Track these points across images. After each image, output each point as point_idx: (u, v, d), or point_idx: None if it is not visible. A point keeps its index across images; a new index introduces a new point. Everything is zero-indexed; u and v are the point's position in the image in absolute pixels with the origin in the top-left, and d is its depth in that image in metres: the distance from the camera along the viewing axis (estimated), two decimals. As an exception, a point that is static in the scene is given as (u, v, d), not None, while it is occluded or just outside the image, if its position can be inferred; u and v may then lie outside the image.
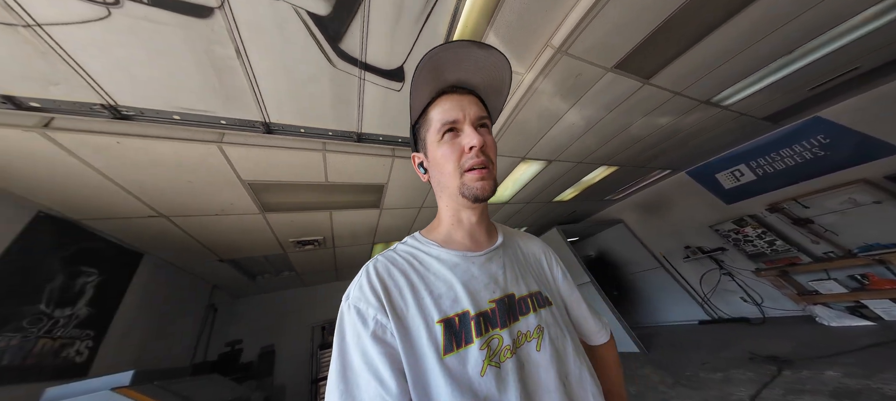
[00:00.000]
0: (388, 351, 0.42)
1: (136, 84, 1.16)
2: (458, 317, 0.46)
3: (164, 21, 0.97)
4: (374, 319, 0.44)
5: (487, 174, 0.51)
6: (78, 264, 2.07)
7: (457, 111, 0.52)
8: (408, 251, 0.55)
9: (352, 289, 0.49)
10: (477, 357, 0.43)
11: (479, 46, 0.52)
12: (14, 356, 1.76)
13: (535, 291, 0.55)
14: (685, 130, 3.09)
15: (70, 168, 1.46)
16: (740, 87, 2.42)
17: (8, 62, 1.00)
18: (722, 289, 4.34)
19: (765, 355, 2.83)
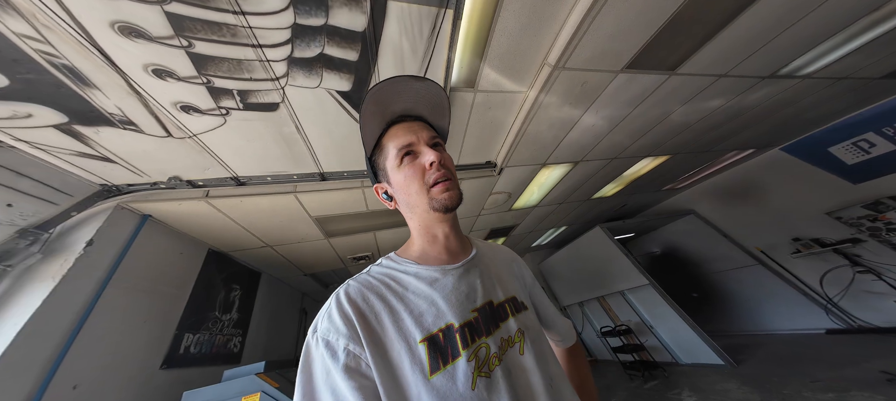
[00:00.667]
0: (362, 384, 0.37)
1: (245, 160, 1.66)
2: (443, 332, 0.43)
3: (253, 118, 1.40)
4: (345, 350, 0.39)
5: (452, 185, 0.51)
6: (230, 283, 2.84)
7: (410, 135, 0.53)
8: (383, 273, 0.52)
9: (319, 321, 0.43)
10: (466, 370, 0.39)
11: (415, 79, 0.53)
12: (206, 347, 2.49)
13: (512, 296, 0.53)
14: (754, 106, 2.49)
15: (220, 220, 2.11)
16: (818, 53, 1.87)
17: (185, 160, 1.57)
18: (860, 290, 3.18)
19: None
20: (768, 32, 1.59)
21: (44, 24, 0.88)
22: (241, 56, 1.11)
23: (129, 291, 1.85)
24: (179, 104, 1.25)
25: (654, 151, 2.93)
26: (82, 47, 0.96)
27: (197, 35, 1.00)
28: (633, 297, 4.05)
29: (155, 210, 1.93)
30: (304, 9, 1.02)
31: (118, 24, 0.92)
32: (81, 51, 0.97)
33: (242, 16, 0.98)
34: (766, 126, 2.99)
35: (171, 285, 2.22)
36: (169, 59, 1.06)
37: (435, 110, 0.58)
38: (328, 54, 1.21)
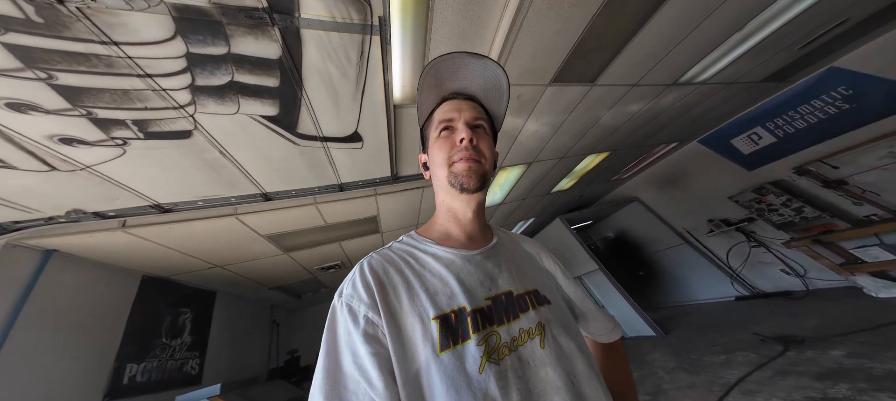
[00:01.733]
0: (378, 351, 0.37)
1: (165, 188, 1.44)
2: (455, 313, 0.41)
3: (161, 146, 1.20)
4: (364, 316, 0.39)
5: (476, 166, 0.48)
6: (177, 306, 2.55)
7: (453, 112, 0.51)
8: (403, 249, 0.50)
9: (345, 286, 0.44)
10: (475, 354, 0.38)
11: (474, 57, 0.51)
12: (155, 374, 2.25)
13: (533, 289, 0.49)
14: (668, 109, 2.72)
15: (148, 247, 1.84)
16: (706, 64, 2.06)
17: (83, 193, 1.31)
18: (756, 262, 3.67)
19: (775, 335, 2.40)
20: (663, 48, 1.70)
21: None
22: (125, 86, 0.93)
23: (45, 329, 1.62)
24: (56, 137, 1.03)
25: (595, 148, 3.09)
26: None
27: (56, 67, 0.81)
28: (588, 281, 4.37)
29: (60, 244, 1.63)
30: (195, 38, 0.86)
31: (-66, 56, 0.70)
32: None
33: (115, 46, 0.80)
34: (682, 123, 3.29)
35: (100, 318, 1.94)
36: (26, 93, 0.85)
37: (490, 93, 0.55)
38: (241, 81, 1.05)
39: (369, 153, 1.68)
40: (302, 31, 0.97)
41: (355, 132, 1.52)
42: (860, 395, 1.50)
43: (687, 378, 2.35)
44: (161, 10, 0.76)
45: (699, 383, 2.20)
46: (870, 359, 1.74)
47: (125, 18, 0.75)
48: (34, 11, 0.67)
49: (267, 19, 0.89)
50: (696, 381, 2.25)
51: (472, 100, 0.55)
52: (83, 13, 0.70)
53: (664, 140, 3.70)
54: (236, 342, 3.21)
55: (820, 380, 1.72)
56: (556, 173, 3.36)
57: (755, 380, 1.97)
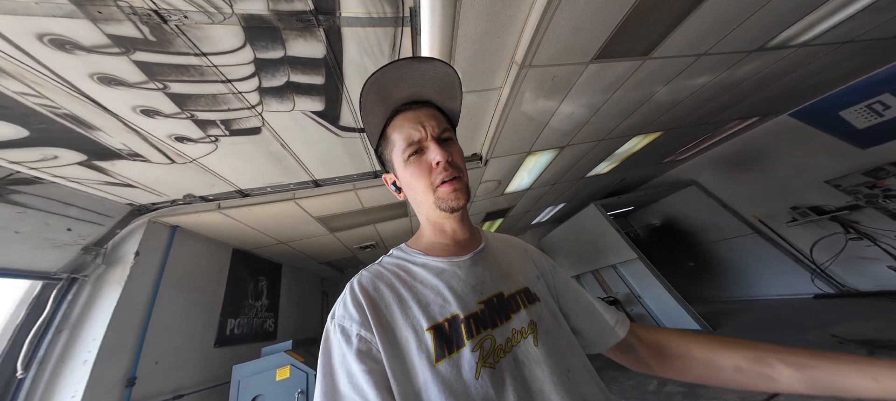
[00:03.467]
0: (373, 368, 0.37)
1: (244, 176, 1.72)
2: (448, 322, 0.40)
3: (241, 141, 1.43)
4: (357, 335, 0.39)
5: (459, 184, 0.46)
6: (257, 275, 3.06)
7: (417, 129, 0.47)
8: (394, 263, 0.50)
9: (337, 307, 0.44)
10: (470, 360, 0.37)
11: (419, 61, 0.46)
12: (245, 328, 2.75)
13: (523, 287, 0.49)
14: (748, 79, 2.24)
15: (235, 225, 2.23)
16: (810, 21, 1.62)
17: (192, 180, 1.65)
18: (852, 257, 2.96)
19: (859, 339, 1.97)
20: (743, 11, 1.39)
21: (34, 82, 0.92)
22: (214, 91, 1.13)
23: (177, 289, 2.08)
24: (173, 136, 1.30)
25: (645, 128, 2.73)
26: (74, 98, 1.00)
27: (169, 78, 1.02)
28: (624, 270, 4.04)
29: (181, 222, 2.07)
30: (260, 45, 1.00)
31: (96, 75, 0.95)
32: (75, 100, 1.01)
33: (204, 57, 0.98)
34: (769, 94, 2.69)
35: (209, 281, 2.42)
36: (152, 101, 1.10)
37: (444, 92, 0.51)
38: (295, 81, 1.19)
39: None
40: (342, 29, 1.05)
41: (389, 121, 1.60)
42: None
43: None
44: (233, 21, 0.90)
45: None
46: None
47: (209, 31, 0.91)
48: (149, 32, 0.85)
49: (313, 21, 0.99)
50: None
51: (428, 104, 0.51)
52: (180, 30, 0.87)
53: (740, 115, 3.08)
54: (298, 307, 3.74)
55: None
56: (594, 157, 3.07)
57: None
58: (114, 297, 1.67)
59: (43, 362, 1.46)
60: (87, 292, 1.69)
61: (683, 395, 2.15)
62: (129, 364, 1.65)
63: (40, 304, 1.57)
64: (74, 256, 1.65)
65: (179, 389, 1.90)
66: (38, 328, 1.49)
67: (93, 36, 0.82)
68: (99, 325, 1.60)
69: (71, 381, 1.44)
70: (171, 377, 1.89)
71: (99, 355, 1.50)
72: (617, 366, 3.26)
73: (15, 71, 0.87)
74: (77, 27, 0.79)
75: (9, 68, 0.86)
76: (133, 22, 0.81)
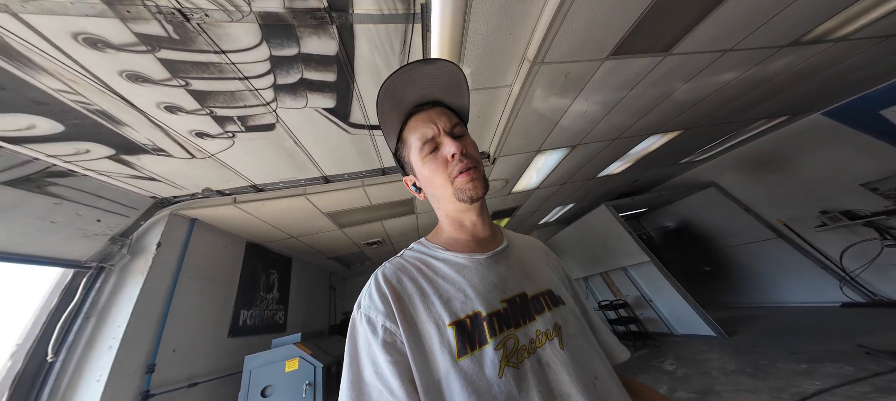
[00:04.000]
0: (397, 360, 0.37)
1: (258, 171, 1.78)
2: (470, 318, 0.40)
3: (256, 138, 1.48)
4: (382, 326, 0.40)
5: (476, 173, 0.47)
6: (268, 268, 3.15)
7: (430, 127, 0.48)
8: (415, 257, 0.50)
9: (362, 297, 0.44)
10: (493, 358, 0.37)
11: (424, 63, 0.48)
12: (257, 320, 2.84)
13: (547, 289, 0.48)
14: (778, 75, 2.13)
15: (248, 219, 2.31)
16: (852, 13, 1.52)
17: (211, 175, 1.72)
18: (888, 264, 2.80)
19: (889, 350, 1.90)
20: (778, 3, 1.32)
21: (71, 80, 0.99)
22: (232, 88, 1.17)
23: (195, 280, 2.17)
24: (194, 132, 1.36)
25: (662, 127, 2.64)
26: (105, 94, 1.07)
27: (190, 75, 1.07)
28: (635, 272, 3.97)
29: (199, 215, 2.16)
30: (275, 42, 1.03)
31: (125, 72, 1.01)
32: (106, 97, 1.08)
33: (223, 54, 1.02)
34: (800, 92, 2.54)
35: (224, 273, 2.52)
36: (175, 97, 1.15)
37: (451, 91, 0.53)
38: (308, 78, 1.22)
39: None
40: (355, 26, 1.07)
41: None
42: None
43: (749, 382, 2.03)
44: (251, 19, 0.93)
45: (764, 389, 1.89)
46: None
47: (228, 29, 0.94)
48: (173, 30, 0.89)
49: (327, 18, 1.01)
50: (760, 386, 1.94)
51: (438, 104, 0.52)
52: (201, 28, 0.91)
53: (767, 114, 2.93)
54: (307, 301, 3.84)
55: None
56: (606, 157, 2.99)
57: (843, 393, 1.63)
58: (137, 286, 1.76)
59: (72, 346, 1.55)
60: (113, 281, 1.79)
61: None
62: (149, 351, 1.73)
63: (71, 291, 1.67)
64: (103, 245, 1.75)
65: (194, 376, 1.98)
66: (68, 314, 1.58)
67: (122, 35, 0.87)
68: (123, 312, 1.68)
69: (97, 365, 1.52)
70: (187, 365, 1.96)
71: (123, 341, 1.58)
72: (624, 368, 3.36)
73: (53, 69, 0.94)
74: (108, 26, 0.84)
75: (48, 66, 0.93)
76: (158, 20, 0.85)
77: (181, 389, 1.85)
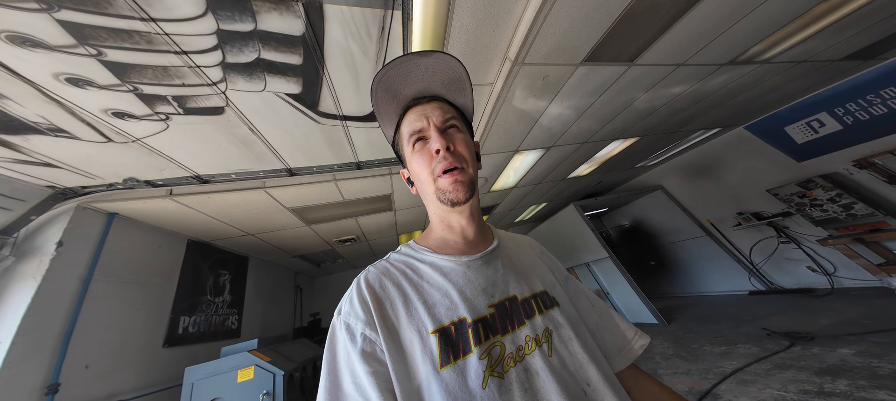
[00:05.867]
0: (377, 370, 0.35)
1: (204, 160, 1.53)
2: (455, 325, 0.38)
3: (198, 122, 1.26)
4: (362, 335, 0.38)
5: (460, 175, 0.44)
6: (217, 268, 2.81)
7: (421, 119, 0.47)
8: (401, 260, 0.48)
9: (343, 303, 0.43)
10: (477, 368, 0.35)
11: (421, 55, 0.46)
12: (203, 327, 2.53)
13: (540, 291, 0.46)
14: (716, 91, 2.45)
15: (191, 214, 2.01)
16: (777, 38, 1.80)
17: (136, 163, 1.44)
18: (782, 258, 3.47)
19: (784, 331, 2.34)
20: (724, 22, 1.50)
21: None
22: (165, 62, 0.97)
23: (115, 284, 1.85)
24: (110, 111, 1.11)
25: (623, 134, 2.89)
26: (-29, 59, 0.81)
27: (104, 43, 0.86)
28: (596, 267, 4.34)
29: (120, 208, 1.82)
30: (225, 14, 0.87)
31: (4, 33, 0.77)
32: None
33: (153, 23, 0.83)
34: (730, 107, 2.97)
35: (157, 275, 2.18)
36: (82, 68, 0.92)
37: (451, 85, 0.51)
38: (267, 59, 1.07)
39: (387, 132, 1.69)
40: (325, 6, 0.95)
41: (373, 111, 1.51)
42: (858, 391, 1.47)
43: (683, 365, 2.35)
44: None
45: (695, 371, 2.20)
46: (878, 358, 1.68)
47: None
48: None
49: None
50: (692, 368, 2.26)
51: (437, 99, 0.51)
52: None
53: (705, 126, 3.37)
54: (267, 303, 3.53)
55: (819, 375, 1.71)
56: (577, 159, 3.21)
57: (752, 371, 1.96)
58: (27, 294, 1.46)
59: None
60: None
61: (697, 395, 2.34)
62: (49, 369, 1.47)
63: None
64: None
65: (117, 393, 1.74)
66: None
67: None
68: (6, 326, 1.39)
69: None
70: (107, 381, 1.71)
71: (7, 359, 1.32)
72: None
73: None
74: None
75: None
76: (55, -30, 0.65)
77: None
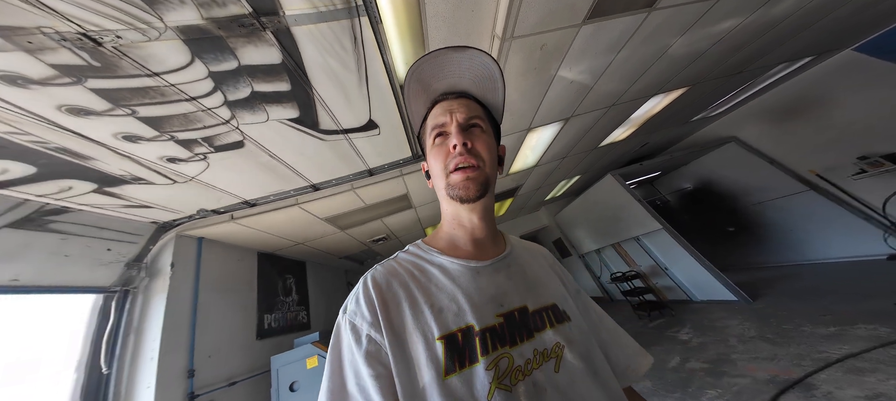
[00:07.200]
0: (380, 373, 0.33)
1: (245, 187, 1.71)
2: (462, 332, 0.35)
3: (229, 156, 1.40)
4: (367, 336, 0.36)
5: (473, 173, 0.42)
6: (284, 273, 3.20)
7: (445, 115, 0.45)
8: (409, 260, 0.45)
9: (349, 301, 0.40)
10: (483, 378, 0.32)
11: (455, 50, 0.45)
12: (282, 322, 2.91)
13: (551, 303, 0.42)
14: (791, 15, 1.78)
15: (251, 232, 2.30)
16: None
17: (200, 197, 1.68)
18: None
19: None
20: None
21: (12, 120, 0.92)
22: (183, 110, 1.08)
23: (215, 292, 2.23)
24: (164, 158, 1.29)
25: (663, 88, 2.33)
26: (56, 131, 1.00)
27: (132, 102, 0.98)
28: (648, 241, 3.67)
29: (204, 233, 2.17)
30: (209, 57, 0.92)
31: (63, 107, 0.93)
32: (57, 133, 1.01)
33: (157, 77, 0.92)
34: (820, 30, 2.14)
35: (242, 283, 2.57)
36: (126, 126, 1.07)
37: (482, 84, 0.48)
38: (260, 91, 1.11)
39: (387, 138, 1.64)
40: (292, 29, 0.93)
41: (370, 120, 1.48)
42: None
43: (767, 349, 1.82)
44: (171, 35, 0.81)
45: (784, 356, 1.69)
46: None
47: (150, 50, 0.83)
48: (90, 57, 0.80)
49: (256, 24, 0.87)
50: (779, 353, 1.74)
51: (465, 96, 0.48)
52: (120, 51, 0.81)
53: (787, 58, 2.52)
54: (327, 299, 3.91)
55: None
56: (607, 124, 2.71)
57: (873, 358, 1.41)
58: (161, 304, 1.83)
59: (120, 359, 1.68)
60: (140, 301, 1.86)
61: (707, 372, 1.91)
62: (186, 359, 1.84)
63: (105, 313, 1.75)
64: (121, 271, 1.79)
65: (233, 376, 2.09)
66: (109, 333, 1.68)
67: (37, 68, 0.79)
68: (155, 328, 1.77)
69: (145, 374, 1.66)
70: (224, 367, 2.07)
71: (161, 352, 1.70)
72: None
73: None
74: (17, 61, 0.76)
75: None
76: (67, 48, 0.75)
77: (222, 388, 1.97)
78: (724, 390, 1.66)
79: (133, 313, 1.82)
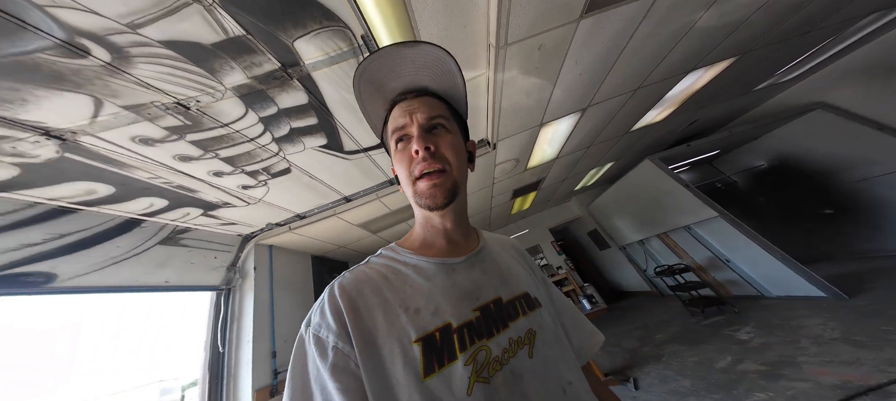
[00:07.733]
0: (349, 386, 0.31)
1: (296, 204, 2.05)
2: (439, 332, 0.34)
3: (282, 180, 1.71)
4: (333, 348, 0.33)
5: (439, 179, 0.39)
6: (332, 273, 3.59)
7: (404, 117, 0.41)
8: (382, 264, 0.42)
9: (313, 313, 0.37)
10: (462, 374, 0.32)
11: (409, 46, 0.41)
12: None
13: (524, 292, 0.42)
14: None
15: (305, 239, 2.70)
16: None
17: (266, 214, 2.07)
18: None
19: None
20: None
21: (150, 169, 1.31)
22: (247, 149, 1.37)
23: (284, 290, 2.67)
24: (240, 186, 1.64)
25: (703, 61, 1.99)
26: (173, 173, 1.37)
27: (215, 148, 1.29)
28: (701, 231, 3.10)
29: (273, 242, 2.62)
30: (257, 106, 1.16)
31: (175, 156, 1.27)
32: (175, 174, 1.39)
33: (227, 127, 1.20)
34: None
35: (302, 283, 3.01)
36: (214, 165, 1.41)
37: (441, 78, 0.44)
38: (296, 127, 1.34)
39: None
40: (312, 74, 1.12)
41: (385, 136, 1.63)
42: None
43: (849, 352, 1.47)
44: (230, 95, 1.07)
45: (868, 361, 1.36)
46: None
47: (219, 107, 1.10)
48: (184, 118, 1.09)
49: (285, 75, 1.08)
50: (864, 357, 1.40)
51: (426, 94, 0.44)
52: (202, 111, 1.09)
53: (879, 6, 1.92)
54: None
55: None
56: (635, 108, 2.43)
57: None
58: (251, 299, 2.28)
59: (230, 342, 2.13)
60: (238, 297, 2.34)
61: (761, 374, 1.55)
62: (270, 343, 2.24)
63: (218, 306, 2.25)
64: (224, 274, 2.29)
65: None
66: (221, 321, 2.16)
67: (156, 131, 1.11)
68: (248, 318, 2.21)
69: (245, 353, 2.06)
70: None
71: (253, 338, 2.11)
72: (679, 340, 2.69)
73: (136, 164, 1.26)
74: (145, 128, 1.08)
75: (133, 163, 1.24)
76: (170, 114, 1.05)
77: (297, 368, 2.41)
78: (776, 394, 1.38)
79: (234, 306, 2.30)
